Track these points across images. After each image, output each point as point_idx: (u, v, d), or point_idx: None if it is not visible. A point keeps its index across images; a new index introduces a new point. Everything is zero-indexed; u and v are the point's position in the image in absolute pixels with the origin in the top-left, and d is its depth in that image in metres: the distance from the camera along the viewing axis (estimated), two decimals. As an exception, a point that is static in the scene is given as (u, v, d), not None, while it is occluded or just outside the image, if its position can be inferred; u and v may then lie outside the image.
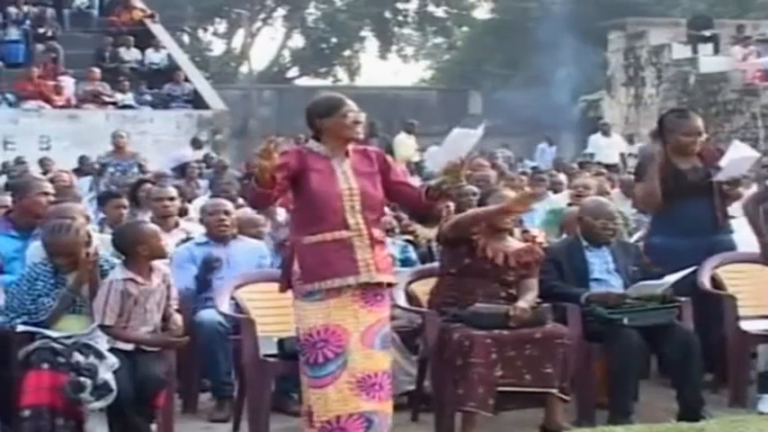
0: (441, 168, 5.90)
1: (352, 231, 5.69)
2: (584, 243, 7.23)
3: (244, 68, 42.27)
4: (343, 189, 5.72)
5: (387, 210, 7.59)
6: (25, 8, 24.36)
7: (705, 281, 7.45)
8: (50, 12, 24.47)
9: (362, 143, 6.04)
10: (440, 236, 7.02)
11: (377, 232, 5.76)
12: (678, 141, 7.70)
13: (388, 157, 6.03)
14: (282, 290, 5.91)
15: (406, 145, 21.02)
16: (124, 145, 16.42)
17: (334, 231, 5.68)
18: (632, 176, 12.17)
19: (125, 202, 8.96)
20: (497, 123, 32.05)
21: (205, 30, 46.26)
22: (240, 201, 11.87)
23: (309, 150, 5.81)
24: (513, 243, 6.86)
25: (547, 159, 21.68)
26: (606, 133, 22.26)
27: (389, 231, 8.11)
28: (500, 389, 6.38)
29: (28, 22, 24.08)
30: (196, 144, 20.01)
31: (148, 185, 10.38)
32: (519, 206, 6.56)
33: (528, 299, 6.66)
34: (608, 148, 21.51)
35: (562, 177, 14.08)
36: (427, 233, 8.62)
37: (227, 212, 7.89)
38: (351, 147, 5.86)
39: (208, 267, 7.54)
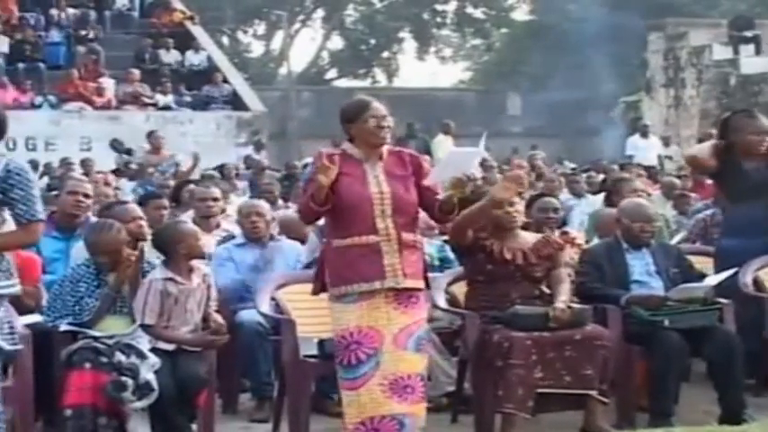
0: (446, 184, 5.85)
1: (381, 236, 5.68)
2: (624, 245, 7.20)
3: (283, 70, 42.37)
4: (374, 193, 5.71)
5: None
6: (67, 11, 24.53)
7: (747, 283, 7.41)
8: (92, 14, 24.62)
9: (400, 144, 6.03)
10: (451, 245, 7.01)
11: (407, 236, 5.73)
12: (745, 141, 7.63)
13: (425, 161, 5.99)
14: (315, 292, 5.92)
15: (444, 146, 20.98)
16: (161, 145, 16.49)
17: (362, 236, 5.67)
18: (674, 179, 12.19)
19: (165, 202, 9.00)
20: (535, 124, 32.09)
21: (244, 31, 46.41)
22: (281, 202, 11.95)
23: (344, 153, 5.80)
24: (528, 238, 6.82)
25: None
26: (645, 135, 22.14)
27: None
28: (539, 390, 6.37)
29: (69, 24, 24.25)
30: (259, 146, 20.05)
31: (191, 186, 10.43)
32: (504, 192, 6.17)
33: (563, 297, 6.63)
34: (646, 149, 21.38)
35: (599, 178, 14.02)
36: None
37: (259, 214, 7.91)
38: (386, 149, 5.84)
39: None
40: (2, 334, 5.26)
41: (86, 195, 7.71)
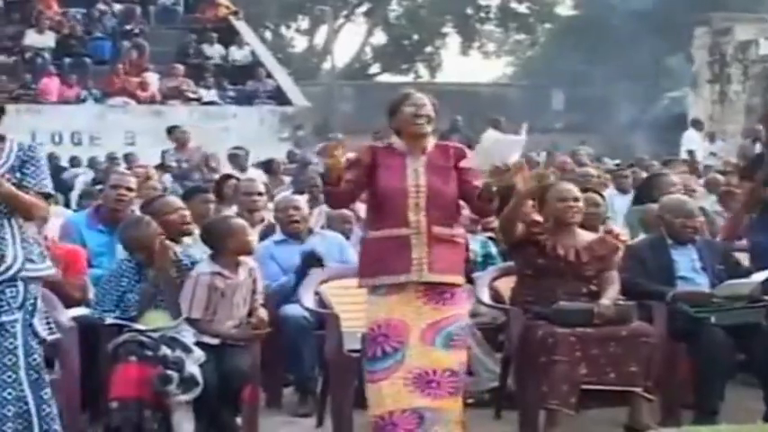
0: (485, 172, 5.84)
1: (412, 229, 5.69)
2: (669, 241, 7.16)
3: (326, 65, 42.41)
4: (410, 186, 5.73)
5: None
6: (113, 6, 24.68)
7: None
8: (137, 9, 24.74)
9: (443, 139, 6.02)
10: (499, 239, 7.00)
11: (440, 230, 5.73)
12: None
13: (468, 154, 5.98)
14: (361, 285, 5.95)
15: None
16: (186, 140, 16.51)
17: (394, 228, 5.71)
18: (720, 175, 12.12)
19: (211, 197, 9.02)
20: (579, 120, 31.94)
21: (288, 26, 46.46)
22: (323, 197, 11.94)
23: (388, 146, 5.85)
24: (585, 236, 6.79)
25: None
26: (700, 129, 21.95)
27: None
28: (584, 387, 6.35)
29: (115, 19, 24.39)
30: (299, 141, 20.10)
31: (234, 180, 10.45)
32: (525, 184, 6.08)
33: (610, 295, 6.61)
34: (696, 144, 21.22)
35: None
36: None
37: (296, 208, 7.92)
38: (432, 142, 5.85)
39: (308, 263, 7.53)
40: (41, 322, 5.34)
41: (129, 189, 7.75)
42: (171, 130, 17.01)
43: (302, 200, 8.18)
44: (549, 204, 6.69)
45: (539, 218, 6.71)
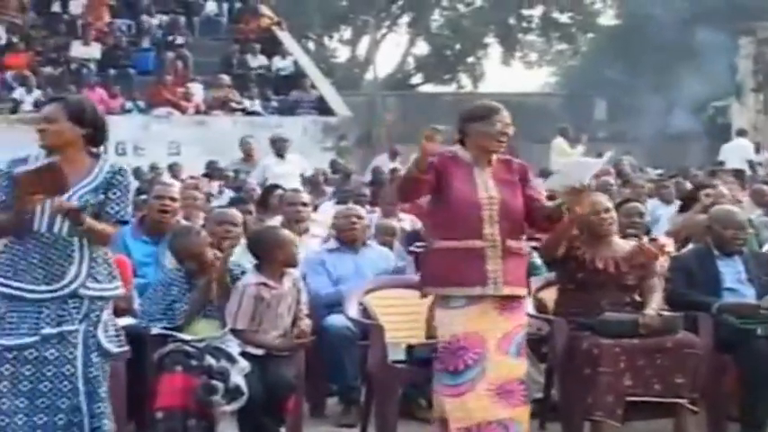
0: (561, 192, 5.82)
1: (487, 241, 5.65)
2: (716, 252, 7.12)
3: (368, 75, 42.48)
4: (483, 198, 5.68)
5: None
6: (157, 17, 24.83)
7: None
8: (181, 20, 24.88)
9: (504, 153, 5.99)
10: (544, 258, 6.98)
11: (512, 243, 5.70)
12: None
13: (531, 171, 5.96)
14: (423, 295, 5.91)
15: (561, 149, 20.58)
16: (253, 152, 16.58)
17: (468, 240, 5.65)
18: (764, 186, 12.03)
19: (251, 207, 9.07)
20: (622, 129, 31.82)
21: (330, 37, 46.57)
22: (368, 207, 11.96)
23: (453, 155, 5.77)
24: (622, 246, 6.77)
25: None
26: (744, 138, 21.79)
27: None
28: (629, 398, 6.33)
29: (159, 30, 24.54)
30: (393, 154, 20.12)
31: (280, 191, 10.49)
32: (577, 205, 5.98)
33: (654, 305, 6.58)
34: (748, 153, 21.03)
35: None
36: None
37: (359, 217, 7.95)
38: (494, 156, 5.81)
39: None
40: (108, 336, 5.37)
41: (173, 199, 7.77)
42: (242, 143, 17.11)
43: (363, 211, 8.20)
44: (582, 217, 6.67)
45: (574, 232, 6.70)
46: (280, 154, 15.82)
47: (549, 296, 6.99)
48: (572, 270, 6.65)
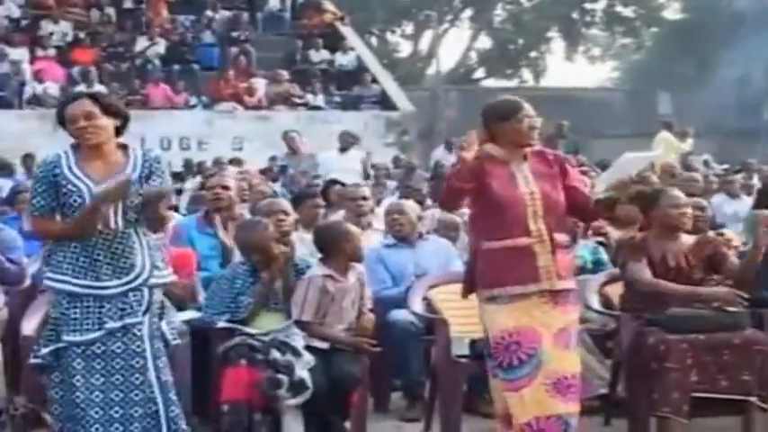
0: (609, 183, 5.78)
1: (534, 238, 5.59)
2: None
3: (430, 70, 42.44)
4: (525, 193, 5.62)
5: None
6: (221, 13, 24.96)
7: None
8: (244, 15, 24.99)
9: (549, 144, 5.96)
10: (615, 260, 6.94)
11: (558, 237, 5.65)
12: None
13: (567, 160, 5.91)
14: (465, 294, 5.89)
15: (668, 142, 20.30)
16: (297, 146, 16.60)
17: (515, 238, 5.58)
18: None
19: (321, 201, 9.06)
20: (686, 125, 31.56)
21: (393, 31, 46.61)
22: (429, 201, 11.96)
23: (488, 154, 5.69)
24: (687, 240, 6.70)
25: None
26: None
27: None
28: (695, 395, 6.26)
29: (222, 26, 24.67)
30: (449, 146, 20.12)
31: (339, 186, 10.51)
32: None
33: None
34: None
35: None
36: (619, 234, 8.52)
37: (401, 212, 7.93)
38: (528, 149, 5.75)
39: None
40: (168, 327, 5.41)
41: (225, 188, 7.76)
42: (285, 137, 17.14)
43: (411, 204, 8.16)
44: (659, 211, 6.62)
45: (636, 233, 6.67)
46: (344, 148, 15.84)
47: (615, 291, 6.94)
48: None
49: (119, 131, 5.42)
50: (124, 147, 5.42)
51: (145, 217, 5.33)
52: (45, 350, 5.32)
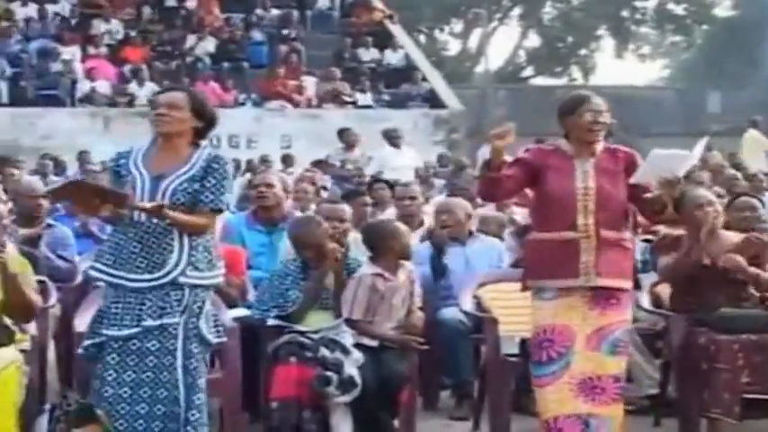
0: (655, 183, 5.75)
1: (580, 233, 5.61)
2: None
3: (479, 68, 42.38)
4: (579, 188, 5.65)
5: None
6: (271, 11, 25.05)
7: None
8: (294, 14, 25.06)
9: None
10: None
11: (609, 234, 5.64)
12: None
13: (638, 160, 5.91)
14: (524, 288, 5.91)
15: (756, 141, 20.04)
16: (354, 143, 16.63)
17: (561, 231, 5.63)
18: None
19: (368, 200, 9.09)
20: (737, 123, 31.31)
21: (441, 30, 46.61)
22: (479, 200, 11.93)
23: (555, 148, 5.77)
24: (731, 238, 6.65)
25: None
26: None
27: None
28: (747, 396, 6.22)
29: (272, 24, 24.75)
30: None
31: (383, 184, 10.52)
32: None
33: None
34: None
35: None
36: (670, 233, 8.47)
37: (449, 212, 7.92)
38: (601, 146, 5.77)
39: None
40: (208, 326, 5.43)
41: (268, 185, 7.79)
42: (342, 132, 17.16)
43: (460, 203, 8.16)
44: (685, 212, 6.59)
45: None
46: (394, 144, 15.86)
47: (666, 291, 6.90)
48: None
49: (201, 133, 5.49)
50: (197, 146, 5.46)
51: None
52: (88, 342, 5.42)
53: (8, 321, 5.65)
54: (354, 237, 7.43)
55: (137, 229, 5.32)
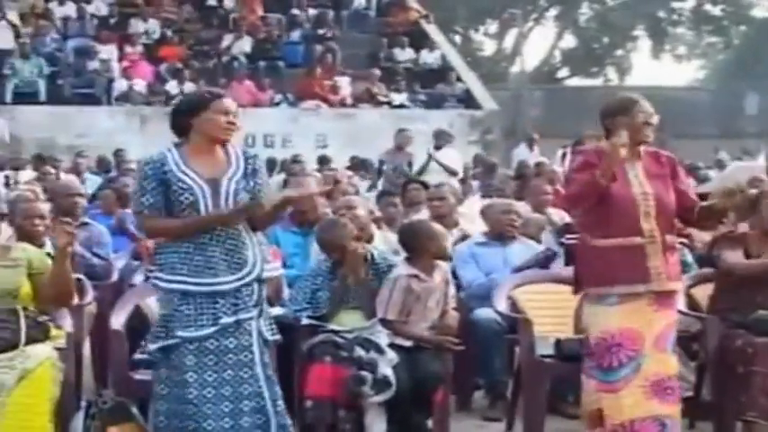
0: (716, 191, 5.73)
1: (646, 238, 5.58)
2: None
3: (514, 68, 42.35)
4: (638, 193, 5.62)
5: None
6: (307, 10, 25.09)
7: None
8: (330, 13, 25.10)
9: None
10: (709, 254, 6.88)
11: (669, 238, 5.64)
12: None
13: (680, 164, 5.88)
14: (576, 291, 5.87)
15: None
16: (404, 144, 16.64)
17: (627, 237, 5.58)
18: None
19: (397, 200, 9.11)
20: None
21: (477, 30, 46.58)
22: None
23: (600, 151, 5.67)
24: None
25: None
26: None
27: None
28: (784, 399, 6.19)
29: (308, 23, 24.79)
30: (530, 143, 20.08)
31: (416, 185, 10.51)
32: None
33: None
34: None
35: None
36: (703, 236, 8.43)
37: (518, 214, 7.97)
38: (642, 148, 5.74)
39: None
40: (265, 324, 5.47)
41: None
42: (398, 135, 17.15)
43: (520, 205, 8.20)
44: (759, 216, 6.57)
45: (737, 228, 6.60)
46: (438, 146, 15.86)
47: (701, 293, 6.87)
48: None
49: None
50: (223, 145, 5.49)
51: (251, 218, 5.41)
52: (154, 346, 5.39)
53: (44, 318, 5.68)
54: (382, 235, 7.45)
55: (211, 234, 5.33)
